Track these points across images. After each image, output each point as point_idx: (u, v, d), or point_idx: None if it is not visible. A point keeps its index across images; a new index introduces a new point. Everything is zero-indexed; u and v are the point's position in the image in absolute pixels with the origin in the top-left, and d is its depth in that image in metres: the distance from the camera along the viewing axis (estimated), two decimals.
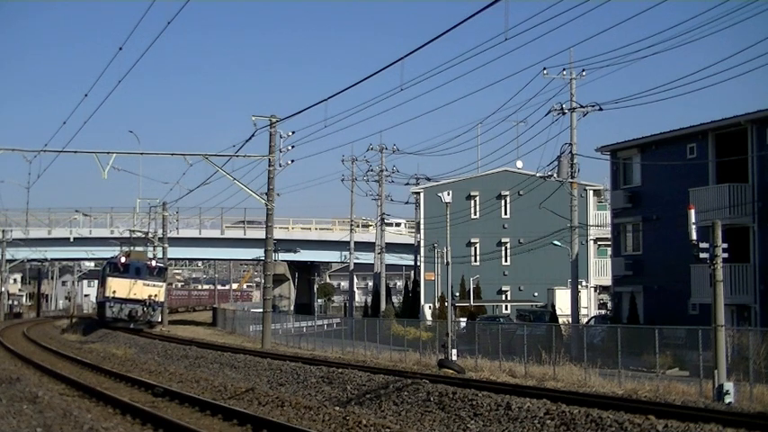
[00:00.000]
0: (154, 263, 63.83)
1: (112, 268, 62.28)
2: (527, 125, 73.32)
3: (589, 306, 59.03)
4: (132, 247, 69.96)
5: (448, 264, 33.94)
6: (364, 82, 26.82)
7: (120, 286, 60.81)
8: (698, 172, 40.32)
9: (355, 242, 76.17)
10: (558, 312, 51.23)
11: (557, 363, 30.41)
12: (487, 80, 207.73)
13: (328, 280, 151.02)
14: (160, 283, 63.09)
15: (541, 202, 49.44)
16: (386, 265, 72.08)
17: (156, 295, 61.78)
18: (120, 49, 29.36)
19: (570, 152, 41.78)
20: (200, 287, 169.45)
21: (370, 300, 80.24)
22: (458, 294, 59.24)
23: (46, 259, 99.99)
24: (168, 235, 72.88)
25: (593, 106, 41.41)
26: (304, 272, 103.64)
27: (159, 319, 64.09)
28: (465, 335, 42.78)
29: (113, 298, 60.71)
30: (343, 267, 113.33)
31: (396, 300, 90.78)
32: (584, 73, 41.90)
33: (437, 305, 61.44)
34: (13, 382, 22.59)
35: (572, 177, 42.01)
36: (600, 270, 61.43)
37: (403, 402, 20.66)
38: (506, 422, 17.68)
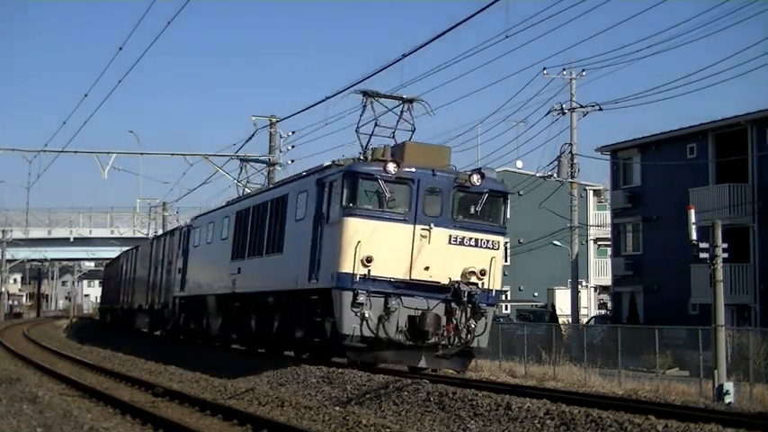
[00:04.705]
0: (476, 179, 22.05)
1: (357, 188, 21.71)
2: (527, 125, 73.19)
3: (589, 306, 59.08)
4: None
5: None
6: (364, 82, 26.73)
7: (386, 244, 21.85)
8: (698, 172, 40.35)
9: None
10: (558, 312, 51.25)
11: (557, 363, 30.38)
12: (487, 80, 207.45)
13: None
14: (497, 239, 22.90)
15: (541, 202, 49.44)
16: None
17: (485, 272, 22.39)
18: (121, 49, 29.32)
19: (570, 152, 41.80)
20: None
21: None
22: None
23: (46, 259, 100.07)
24: None
25: (593, 106, 41.44)
26: None
27: (486, 343, 23.81)
28: None
29: (365, 278, 21.76)
30: None
31: None
32: (584, 73, 41.95)
33: None
34: (13, 382, 22.55)
35: (572, 177, 42.04)
36: (600, 270, 61.48)
37: (403, 402, 20.62)
38: (506, 422, 17.66)
